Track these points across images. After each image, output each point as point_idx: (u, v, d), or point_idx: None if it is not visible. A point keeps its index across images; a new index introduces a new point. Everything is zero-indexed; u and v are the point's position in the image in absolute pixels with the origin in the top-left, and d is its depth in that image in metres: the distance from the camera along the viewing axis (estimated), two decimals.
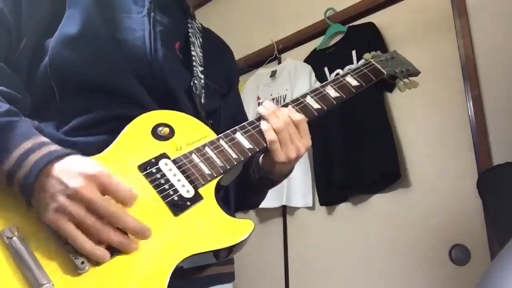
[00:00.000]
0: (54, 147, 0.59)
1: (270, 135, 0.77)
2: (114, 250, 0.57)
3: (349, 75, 0.94)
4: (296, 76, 2.08)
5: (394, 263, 1.67)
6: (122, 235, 0.57)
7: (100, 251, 0.55)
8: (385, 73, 1.01)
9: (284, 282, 1.99)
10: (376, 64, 1.01)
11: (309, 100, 0.87)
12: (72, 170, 0.56)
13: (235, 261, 0.87)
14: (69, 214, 0.54)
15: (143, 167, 0.67)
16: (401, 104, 1.76)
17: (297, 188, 1.98)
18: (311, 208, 1.99)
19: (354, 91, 0.91)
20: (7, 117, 0.59)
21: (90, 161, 0.59)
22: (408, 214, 1.68)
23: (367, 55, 1.05)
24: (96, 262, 0.56)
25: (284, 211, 2.09)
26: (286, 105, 0.84)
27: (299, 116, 0.80)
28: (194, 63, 0.86)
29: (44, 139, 0.59)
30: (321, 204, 1.93)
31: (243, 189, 0.90)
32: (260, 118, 0.81)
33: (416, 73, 1.11)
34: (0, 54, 0.68)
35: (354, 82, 0.92)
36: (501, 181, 1.32)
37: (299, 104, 0.85)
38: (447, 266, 1.54)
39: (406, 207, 1.70)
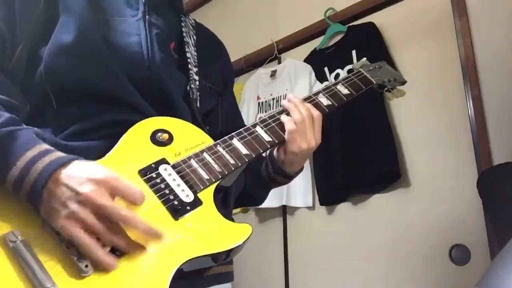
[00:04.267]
0: (59, 153, 0.60)
1: (290, 126, 0.83)
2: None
3: (340, 83, 0.97)
4: (296, 76, 2.08)
5: (394, 263, 1.67)
6: (130, 240, 0.58)
7: (109, 259, 0.56)
8: (374, 82, 1.03)
9: (284, 282, 1.99)
10: (366, 73, 1.03)
11: None
12: (80, 176, 0.56)
13: (235, 261, 0.87)
14: (80, 220, 0.55)
15: (143, 172, 0.67)
16: (401, 104, 1.75)
17: (297, 188, 1.98)
18: (311, 208, 1.99)
19: (345, 99, 0.95)
20: (8, 127, 0.59)
21: (97, 166, 0.60)
22: (408, 214, 1.68)
23: (356, 64, 1.08)
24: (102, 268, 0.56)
25: (284, 211, 2.09)
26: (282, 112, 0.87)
27: (317, 112, 0.87)
28: (189, 65, 0.86)
29: (47, 146, 0.60)
30: (321, 204, 1.93)
31: (253, 181, 0.93)
32: (255, 125, 0.83)
33: (403, 82, 1.14)
34: None
35: (345, 91, 0.96)
36: (501, 181, 1.32)
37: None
38: (447, 266, 1.54)
39: (406, 207, 1.70)
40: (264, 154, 0.84)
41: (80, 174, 0.57)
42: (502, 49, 1.56)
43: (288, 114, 0.86)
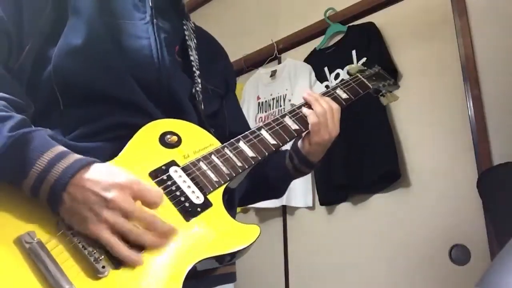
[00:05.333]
0: (76, 156, 0.60)
1: (313, 118, 0.89)
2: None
3: (338, 88, 1.01)
4: (296, 75, 2.08)
5: (394, 263, 1.68)
6: (153, 237, 0.61)
7: (136, 257, 0.58)
8: (371, 87, 1.07)
9: (284, 282, 1.99)
10: (363, 79, 1.07)
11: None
12: (104, 180, 0.58)
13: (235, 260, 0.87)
14: (109, 223, 0.57)
15: (154, 174, 0.68)
16: (401, 104, 1.75)
17: (297, 188, 1.98)
18: (311, 208, 1.99)
19: (344, 103, 0.99)
20: (21, 129, 0.59)
21: (116, 169, 0.62)
22: (408, 214, 1.69)
23: (352, 69, 1.11)
24: (120, 266, 0.58)
25: (284, 211, 2.09)
26: (284, 115, 0.90)
27: (336, 105, 0.94)
28: (193, 68, 0.87)
29: (63, 148, 0.61)
30: (321, 204, 1.93)
31: (278, 175, 0.98)
32: (261, 127, 0.85)
33: (396, 87, 1.19)
34: (1, 62, 0.67)
35: (344, 95, 1.00)
36: (501, 181, 1.32)
37: (295, 115, 0.91)
38: (447, 266, 1.54)
39: (406, 207, 1.70)
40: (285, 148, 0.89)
41: (103, 178, 0.58)
42: (502, 49, 1.56)
43: (309, 107, 0.92)
